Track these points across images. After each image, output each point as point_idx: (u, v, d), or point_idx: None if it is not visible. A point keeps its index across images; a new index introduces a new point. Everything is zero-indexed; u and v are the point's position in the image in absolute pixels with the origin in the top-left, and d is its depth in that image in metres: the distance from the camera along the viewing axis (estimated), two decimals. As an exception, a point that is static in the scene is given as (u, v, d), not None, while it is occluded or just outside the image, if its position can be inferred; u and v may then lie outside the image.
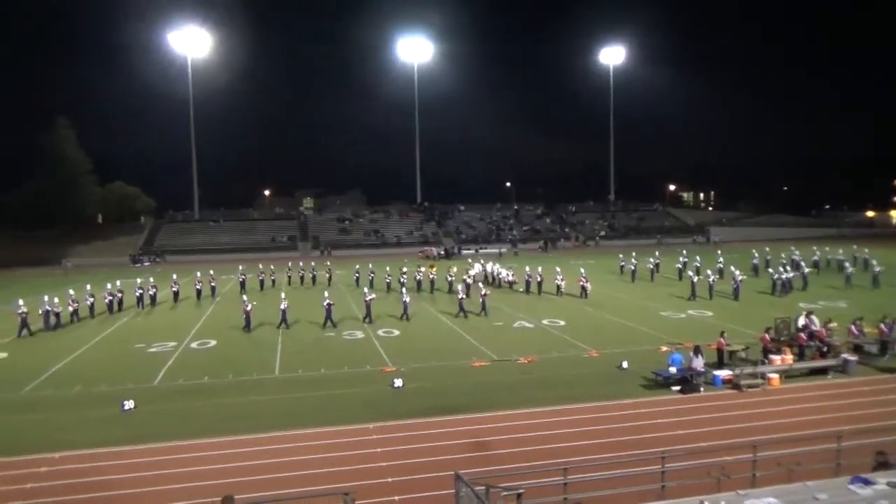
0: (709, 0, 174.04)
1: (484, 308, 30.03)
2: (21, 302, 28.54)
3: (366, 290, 31.59)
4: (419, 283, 38.97)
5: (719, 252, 47.77)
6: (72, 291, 32.18)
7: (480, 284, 33.67)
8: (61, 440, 14.65)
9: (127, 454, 13.83)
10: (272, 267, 45.46)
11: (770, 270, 37.20)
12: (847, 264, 38.24)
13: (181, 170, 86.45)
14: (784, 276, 35.05)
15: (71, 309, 30.76)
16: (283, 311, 28.23)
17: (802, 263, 39.32)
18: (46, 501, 11.78)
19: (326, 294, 29.56)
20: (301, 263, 47.40)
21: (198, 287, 38.31)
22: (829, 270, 42.86)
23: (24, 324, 27.58)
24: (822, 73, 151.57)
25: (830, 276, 40.21)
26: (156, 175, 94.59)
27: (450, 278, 38.02)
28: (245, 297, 30.75)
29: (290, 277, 44.77)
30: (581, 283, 35.11)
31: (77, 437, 14.84)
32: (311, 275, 44.33)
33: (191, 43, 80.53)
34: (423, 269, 40.91)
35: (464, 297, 30.21)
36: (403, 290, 31.58)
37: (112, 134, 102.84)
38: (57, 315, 29.58)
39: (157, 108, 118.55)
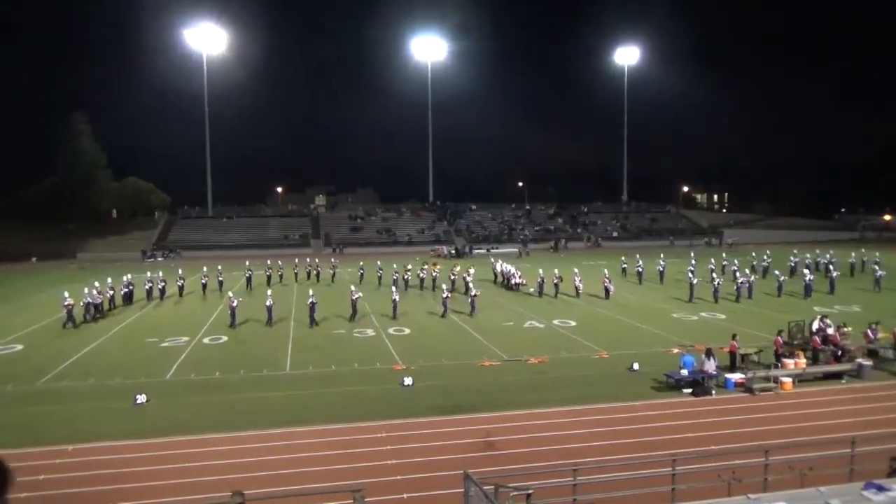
0: (724, 1, 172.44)
1: (473, 308, 29.91)
2: (67, 294, 29.00)
3: (352, 287, 31.43)
4: (422, 280, 39.06)
5: (724, 255, 47.06)
6: (97, 284, 32.61)
7: (471, 284, 33.27)
8: (75, 432, 14.80)
9: (139, 447, 13.94)
10: (280, 263, 45.89)
11: (777, 272, 36.92)
12: (877, 266, 37.68)
13: (195, 166, 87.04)
14: (808, 279, 35.10)
15: (98, 301, 31.33)
16: (269, 309, 28.30)
17: (831, 267, 38.52)
18: (58, 493, 11.90)
19: (311, 292, 29.50)
20: (308, 260, 47.76)
21: (203, 282, 38.71)
22: (843, 274, 42.21)
23: (70, 315, 28.07)
24: (838, 76, 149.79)
25: (842, 279, 39.43)
26: (170, 171, 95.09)
27: (452, 277, 38.02)
28: (231, 294, 31.05)
29: (297, 274, 45.24)
30: (604, 283, 35.03)
31: (90, 430, 14.99)
32: (315, 271, 44.82)
33: (206, 40, 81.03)
34: (426, 266, 41.04)
35: (448, 295, 30.31)
36: (394, 288, 31.59)
37: (127, 129, 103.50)
38: (96, 306, 30.37)
39: (172, 104, 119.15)
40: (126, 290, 34.93)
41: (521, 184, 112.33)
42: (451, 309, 29.95)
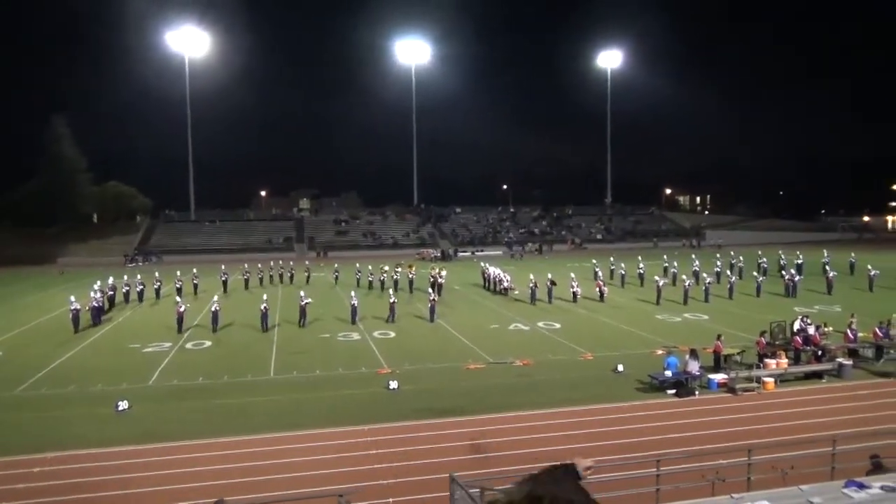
0: (705, 4, 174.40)
1: (432, 312, 29.52)
2: (73, 298, 28.61)
3: (302, 293, 30.54)
4: (396, 282, 39.13)
5: (693, 256, 46.96)
6: (98, 284, 32.25)
7: (430, 290, 33.03)
8: (55, 440, 14.58)
9: (120, 455, 13.77)
10: (259, 266, 45.87)
11: (755, 273, 37.30)
12: (869, 266, 37.70)
13: (178, 170, 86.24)
14: (796, 279, 35.65)
15: (100, 304, 31.02)
16: (215, 314, 27.70)
17: (827, 268, 38.24)
18: (38, 502, 11.72)
19: (265, 297, 29.22)
20: (280, 263, 47.72)
21: (178, 286, 38.37)
22: (814, 274, 41.96)
23: (77, 320, 27.79)
24: (820, 76, 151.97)
25: (815, 279, 39.09)
26: (152, 175, 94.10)
27: (431, 279, 37.94)
28: (179, 299, 30.50)
29: (272, 277, 45.31)
30: (599, 286, 34.93)
31: (71, 437, 14.78)
32: (289, 274, 45.05)
33: (188, 42, 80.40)
34: (399, 269, 41.03)
35: (395, 300, 30.24)
36: (353, 292, 31.02)
37: (109, 133, 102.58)
38: (99, 310, 30.13)
39: (154, 107, 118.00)
40: (109, 293, 34.76)
41: (505, 187, 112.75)
42: (397, 314, 29.59)
